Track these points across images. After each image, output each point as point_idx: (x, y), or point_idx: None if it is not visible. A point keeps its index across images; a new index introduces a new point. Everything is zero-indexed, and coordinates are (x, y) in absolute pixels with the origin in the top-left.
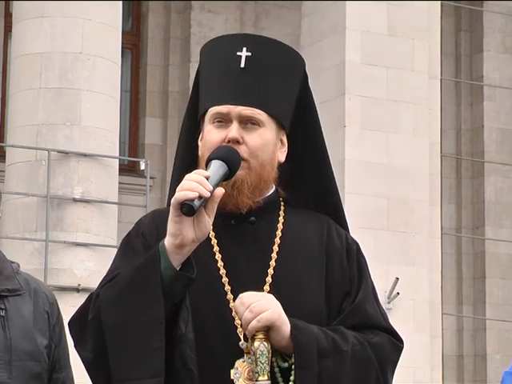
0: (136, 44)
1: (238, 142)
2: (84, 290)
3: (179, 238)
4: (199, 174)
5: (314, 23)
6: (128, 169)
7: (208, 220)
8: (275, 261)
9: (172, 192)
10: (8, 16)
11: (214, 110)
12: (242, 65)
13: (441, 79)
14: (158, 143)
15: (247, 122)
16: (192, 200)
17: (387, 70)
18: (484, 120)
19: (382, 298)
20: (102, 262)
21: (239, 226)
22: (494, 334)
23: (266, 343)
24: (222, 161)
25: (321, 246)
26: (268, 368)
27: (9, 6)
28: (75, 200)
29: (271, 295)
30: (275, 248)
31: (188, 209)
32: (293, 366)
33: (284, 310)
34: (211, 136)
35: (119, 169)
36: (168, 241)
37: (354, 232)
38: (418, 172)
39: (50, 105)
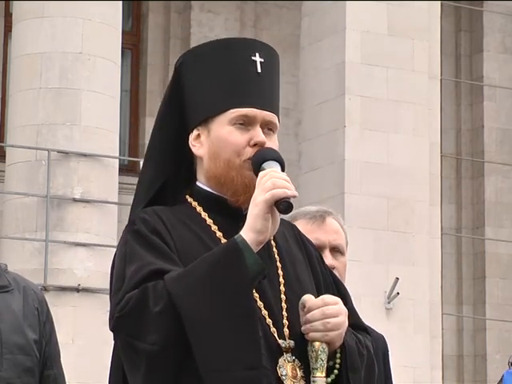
0: (136, 44)
1: (262, 146)
2: (84, 290)
3: (264, 234)
4: (278, 172)
5: (314, 23)
6: (128, 169)
7: (279, 218)
8: (280, 262)
9: (143, 196)
10: (8, 16)
11: (238, 111)
12: (259, 70)
13: (441, 79)
14: None
15: (265, 128)
16: (289, 198)
17: (387, 70)
18: (484, 120)
19: (382, 297)
20: (102, 262)
21: None
22: (493, 334)
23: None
24: (276, 161)
25: (301, 250)
26: (326, 365)
27: (9, 6)
28: (75, 200)
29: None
30: (275, 250)
31: (287, 206)
32: (336, 365)
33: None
34: (235, 137)
35: (119, 169)
36: (251, 237)
37: (354, 232)
38: (418, 172)
39: (50, 105)
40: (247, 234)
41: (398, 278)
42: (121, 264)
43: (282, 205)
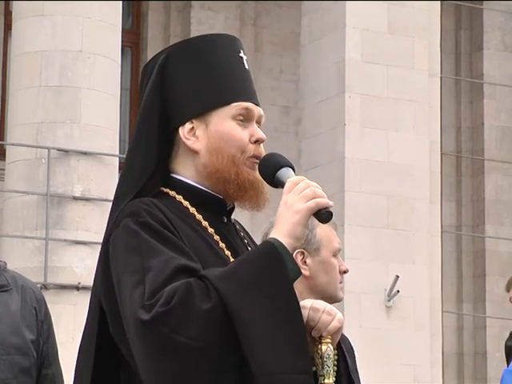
0: (136, 42)
1: (262, 142)
2: (84, 288)
3: (300, 241)
4: (311, 181)
5: (314, 21)
6: None
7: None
8: None
9: (132, 186)
10: (8, 14)
11: (241, 104)
12: (246, 67)
13: (441, 77)
14: None
15: (256, 123)
16: (329, 207)
17: (387, 68)
18: (484, 118)
19: (382, 295)
20: None
21: (227, 224)
22: (494, 332)
23: (331, 347)
24: (290, 167)
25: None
26: (333, 371)
27: (9, 4)
28: (75, 198)
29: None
30: (246, 244)
31: (329, 216)
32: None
33: None
34: (239, 133)
35: (119, 167)
36: (289, 243)
37: (354, 230)
38: (418, 170)
39: (50, 103)
40: (284, 239)
41: (398, 276)
42: (133, 255)
43: (324, 214)
